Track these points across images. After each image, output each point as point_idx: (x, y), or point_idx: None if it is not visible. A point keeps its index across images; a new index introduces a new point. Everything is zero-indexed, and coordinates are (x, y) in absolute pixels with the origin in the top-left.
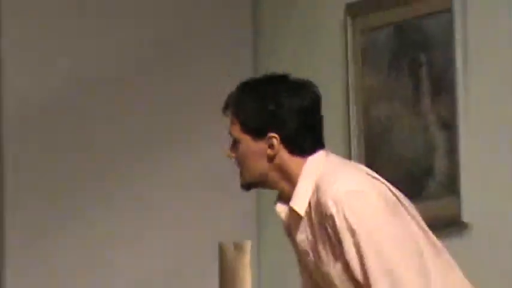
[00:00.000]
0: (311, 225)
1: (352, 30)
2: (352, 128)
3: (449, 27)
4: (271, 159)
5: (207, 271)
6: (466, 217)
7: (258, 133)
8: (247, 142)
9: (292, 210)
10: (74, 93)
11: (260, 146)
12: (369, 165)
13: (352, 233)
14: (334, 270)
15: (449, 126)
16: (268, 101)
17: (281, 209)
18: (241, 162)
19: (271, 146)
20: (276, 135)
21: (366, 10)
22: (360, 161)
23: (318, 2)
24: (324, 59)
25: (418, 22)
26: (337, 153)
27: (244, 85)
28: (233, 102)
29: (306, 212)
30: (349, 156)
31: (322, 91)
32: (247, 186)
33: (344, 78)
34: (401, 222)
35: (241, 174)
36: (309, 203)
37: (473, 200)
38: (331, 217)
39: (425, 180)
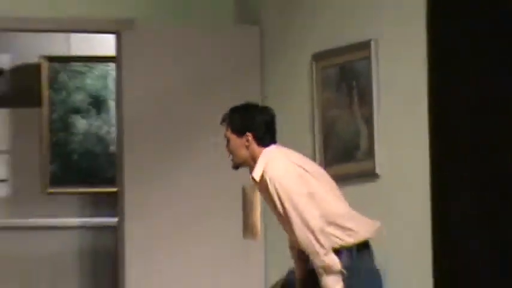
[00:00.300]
0: (261, 188)
1: (316, 68)
2: (315, 124)
3: (369, 67)
4: (247, 148)
5: (232, 205)
6: (377, 170)
7: (240, 133)
8: (235, 139)
9: (253, 178)
10: (166, 102)
11: (242, 141)
12: (325, 145)
13: (278, 196)
14: (275, 211)
15: (368, 121)
16: (246, 117)
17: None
18: (232, 152)
19: (247, 141)
20: (250, 135)
21: (323, 57)
22: (319, 143)
23: (297, 54)
24: (300, 85)
25: (352, 64)
26: (305, 138)
27: (233, 108)
28: (227, 117)
29: (259, 179)
30: (313, 139)
31: (299, 103)
32: (236, 166)
33: (311, 95)
34: (309, 187)
35: (232, 159)
36: (262, 175)
37: (382, 161)
38: (268, 187)
39: (355, 151)
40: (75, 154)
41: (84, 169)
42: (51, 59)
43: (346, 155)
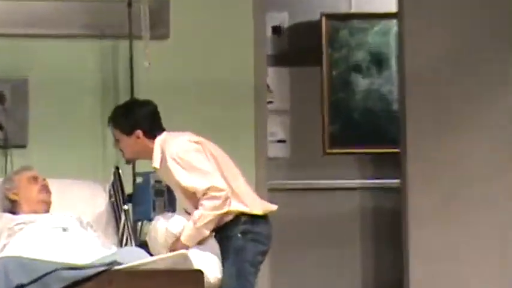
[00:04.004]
0: (164, 172)
1: None
2: None
3: None
4: (140, 144)
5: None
6: None
7: (129, 133)
8: (125, 139)
9: (154, 167)
10: (449, 59)
11: (132, 139)
12: None
13: (179, 166)
14: (177, 188)
15: None
16: (130, 116)
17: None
18: (123, 149)
19: (138, 138)
20: (140, 132)
21: None
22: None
23: None
24: None
25: None
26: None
27: (116, 110)
28: (111, 120)
29: (159, 166)
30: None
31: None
32: (128, 161)
33: None
34: (204, 160)
35: (123, 155)
36: (161, 161)
37: None
38: (169, 167)
39: None
40: (356, 113)
41: (365, 129)
42: (331, 16)
43: None
